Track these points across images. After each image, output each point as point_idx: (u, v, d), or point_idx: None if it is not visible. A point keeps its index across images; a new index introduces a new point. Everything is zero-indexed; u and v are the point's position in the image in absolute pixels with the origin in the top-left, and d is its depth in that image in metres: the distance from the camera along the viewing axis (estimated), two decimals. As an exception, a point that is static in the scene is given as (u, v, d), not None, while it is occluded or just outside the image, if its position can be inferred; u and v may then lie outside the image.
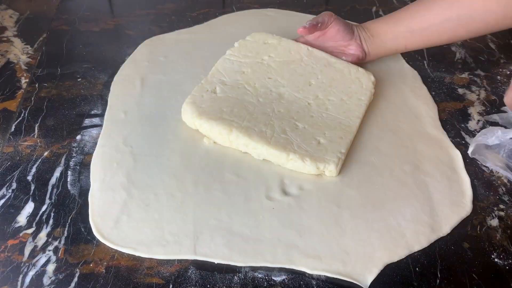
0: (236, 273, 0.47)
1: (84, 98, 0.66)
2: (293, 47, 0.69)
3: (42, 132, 0.61)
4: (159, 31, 0.79)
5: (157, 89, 0.67)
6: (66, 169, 0.56)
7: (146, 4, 0.86)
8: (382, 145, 0.60)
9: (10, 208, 0.52)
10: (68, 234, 0.50)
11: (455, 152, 0.60)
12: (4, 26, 0.81)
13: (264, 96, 0.61)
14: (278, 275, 0.47)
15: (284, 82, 0.64)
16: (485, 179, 0.57)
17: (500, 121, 0.64)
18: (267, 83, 0.63)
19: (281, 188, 0.54)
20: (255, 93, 0.62)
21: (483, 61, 0.76)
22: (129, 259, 0.48)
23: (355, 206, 0.53)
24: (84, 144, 0.60)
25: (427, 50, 0.78)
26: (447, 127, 0.64)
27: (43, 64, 0.72)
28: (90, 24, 0.81)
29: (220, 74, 0.64)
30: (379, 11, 0.88)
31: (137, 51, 0.74)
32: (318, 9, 0.87)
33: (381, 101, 0.67)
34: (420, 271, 0.48)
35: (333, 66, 0.67)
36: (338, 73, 0.66)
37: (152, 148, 0.58)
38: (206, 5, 0.87)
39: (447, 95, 0.69)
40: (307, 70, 0.66)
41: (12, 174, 0.55)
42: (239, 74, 0.64)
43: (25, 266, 0.47)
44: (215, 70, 0.64)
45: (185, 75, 0.69)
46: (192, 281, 0.46)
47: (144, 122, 0.62)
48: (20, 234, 0.50)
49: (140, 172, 0.55)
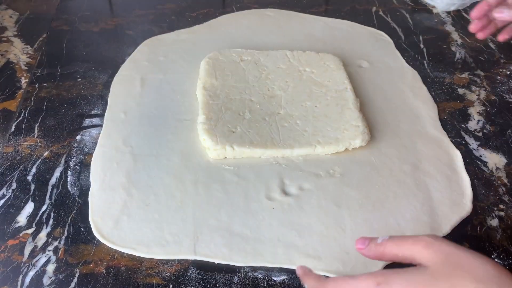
0: (236, 273, 0.47)
1: (84, 98, 0.66)
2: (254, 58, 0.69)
3: (42, 132, 0.61)
4: (159, 31, 0.79)
5: (157, 88, 0.67)
6: (66, 169, 0.56)
7: (146, 4, 0.86)
8: (382, 145, 0.60)
9: (10, 208, 0.52)
10: (68, 234, 0.50)
11: (455, 152, 0.60)
12: (4, 26, 0.81)
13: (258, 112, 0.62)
14: (278, 275, 0.47)
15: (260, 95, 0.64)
16: (485, 179, 0.57)
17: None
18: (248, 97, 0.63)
19: (281, 188, 0.54)
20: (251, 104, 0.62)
21: (483, 61, 0.76)
22: (129, 259, 0.48)
23: (355, 206, 0.53)
24: (84, 144, 0.60)
25: (427, 50, 0.78)
26: (447, 127, 0.64)
27: (43, 64, 0.72)
28: (90, 24, 0.81)
29: (211, 99, 0.62)
30: (379, 11, 0.88)
31: (137, 51, 0.74)
32: (318, 9, 0.87)
33: (381, 101, 0.67)
34: (420, 271, 0.48)
35: (295, 63, 0.68)
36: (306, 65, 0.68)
37: (152, 148, 0.58)
38: (206, 5, 0.87)
39: (447, 95, 0.69)
40: (277, 75, 0.67)
41: (12, 174, 0.55)
42: (227, 88, 0.64)
43: (25, 266, 0.47)
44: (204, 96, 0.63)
45: (185, 75, 0.69)
46: (192, 281, 0.46)
47: (144, 122, 0.62)
48: (20, 234, 0.50)
49: (140, 172, 0.55)
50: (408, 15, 0.87)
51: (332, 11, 0.87)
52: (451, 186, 0.56)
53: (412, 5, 0.90)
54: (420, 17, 0.87)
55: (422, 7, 0.90)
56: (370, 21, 0.85)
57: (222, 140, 0.56)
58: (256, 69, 0.67)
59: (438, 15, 0.87)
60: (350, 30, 0.81)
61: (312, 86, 0.65)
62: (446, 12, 0.88)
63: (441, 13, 0.88)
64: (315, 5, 0.89)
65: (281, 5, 0.87)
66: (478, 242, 0.51)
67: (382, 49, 0.77)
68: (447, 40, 0.81)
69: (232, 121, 0.59)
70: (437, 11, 0.88)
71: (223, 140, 0.56)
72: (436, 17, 0.87)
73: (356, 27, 0.83)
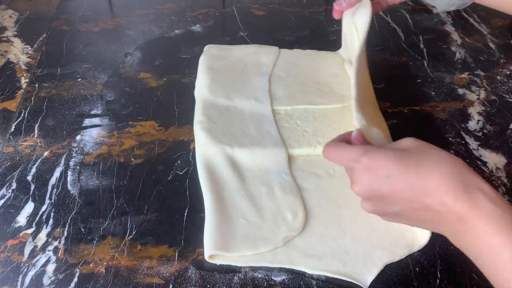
0: (236, 273, 0.47)
1: (84, 98, 0.66)
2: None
3: (42, 132, 0.61)
4: (159, 31, 0.79)
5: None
6: (66, 169, 0.56)
7: (146, 4, 0.86)
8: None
9: (10, 208, 0.52)
10: (68, 234, 0.50)
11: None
12: (4, 26, 0.81)
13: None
14: (278, 275, 0.47)
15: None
16: (485, 179, 0.57)
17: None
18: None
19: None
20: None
21: (483, 61, 0.76)
22: (129, 259, 0.48)
23: (355, 206, 0.53)
24: (84, 144, 0.60)
25: (427, 50, 0.78)
26: (447, 127, 0.64)
27: (43, 64, 0.72)
28: (90, 24, 0.81)
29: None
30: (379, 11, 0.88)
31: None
32: (318, 9, 0.87)
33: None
34: (420, 271, 0.48)
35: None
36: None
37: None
38: (206, 5, 0.87)
39: (447, 95, 0.69)
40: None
41: (12, 174, 0.55)
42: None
43: (25, 266, 0.47)
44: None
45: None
46: (192, 281, 0.46)
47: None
48: (20, 234, 0.50)
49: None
50: (408, 15, 0.87)
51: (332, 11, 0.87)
52: None
53: (412, 5, 0.90)
54: (420, 17, 0.87)
55: (422, 7, 0.90)
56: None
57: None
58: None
59: (438, 15, 0.87)
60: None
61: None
62: (446, 12, 0.88)
63: (441, 13, 0.88)
64: (315, 5, 0.89)
65: (281, 5, 0.87)
66: (478, 242, 0.51)
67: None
68: (447, 40, 0.81)
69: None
70: (437, 11, 0.88)
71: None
72: (436, 17, 0.87)
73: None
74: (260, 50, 0.71)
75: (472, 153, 0.61)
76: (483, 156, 0.60)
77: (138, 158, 0.58)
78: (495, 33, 0.82)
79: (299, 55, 0.70)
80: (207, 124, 0.58)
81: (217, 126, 0.58)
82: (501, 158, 0.60)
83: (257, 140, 0.57)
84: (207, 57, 0.69)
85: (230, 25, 0.84)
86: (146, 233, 0.50)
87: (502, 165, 0.59)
